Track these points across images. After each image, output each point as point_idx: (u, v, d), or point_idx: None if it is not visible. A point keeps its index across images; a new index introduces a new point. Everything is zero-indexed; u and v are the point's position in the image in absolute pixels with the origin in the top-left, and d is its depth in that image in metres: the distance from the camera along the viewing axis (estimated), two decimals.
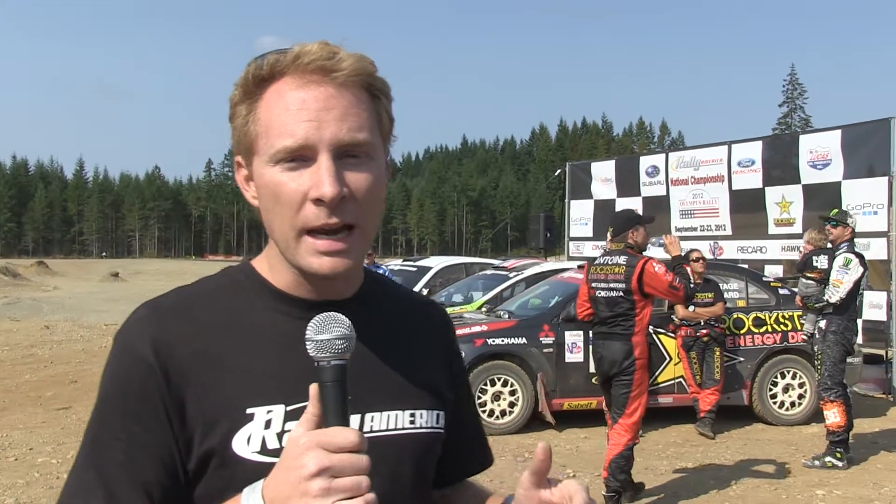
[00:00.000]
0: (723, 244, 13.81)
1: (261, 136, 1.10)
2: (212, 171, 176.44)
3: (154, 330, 1.12)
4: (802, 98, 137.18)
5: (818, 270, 7.80)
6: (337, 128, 1.07)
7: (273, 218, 1.11)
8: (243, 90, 1.12)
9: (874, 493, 6.76)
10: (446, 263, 15.77)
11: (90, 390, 10.60)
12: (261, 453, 1.08)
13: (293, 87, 1.08)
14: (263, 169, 1.10)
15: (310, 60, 1.08)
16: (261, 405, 1.10)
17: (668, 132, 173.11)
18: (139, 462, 1.07)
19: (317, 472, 0.92)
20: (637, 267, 6.12)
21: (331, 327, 1.00)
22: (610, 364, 6.20)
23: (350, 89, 1.09)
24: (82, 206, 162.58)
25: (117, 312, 22.89)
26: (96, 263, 74.22)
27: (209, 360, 1.11)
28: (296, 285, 1.17)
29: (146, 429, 1.08)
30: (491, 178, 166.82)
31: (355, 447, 0.94)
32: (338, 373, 0.99)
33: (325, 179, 1.05)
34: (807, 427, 9.17)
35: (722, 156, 13.84)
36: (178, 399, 1.08)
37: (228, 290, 1.20)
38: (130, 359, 1.11)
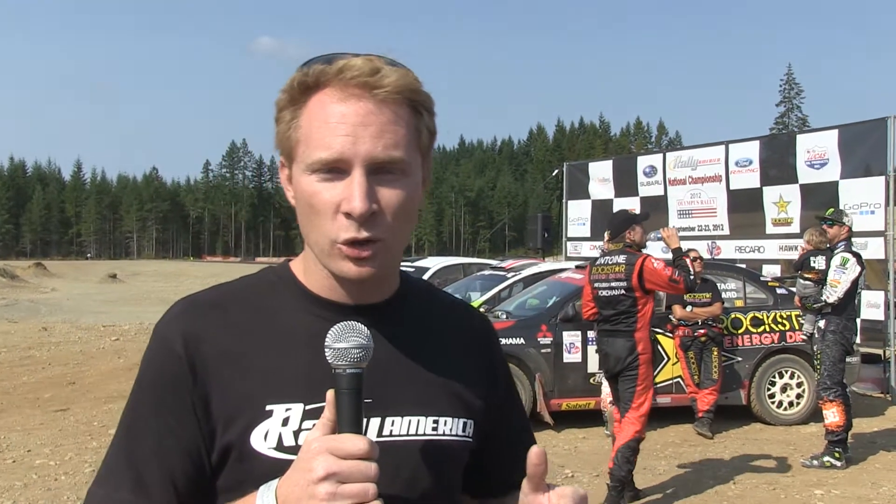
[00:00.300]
0: (721, 244, 13.82)
1: (301, 143, 1.13)
2: (209, 172, 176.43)
3: (186, 325, 1.17)
4: (799, 98, 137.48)
5: (815, 271, 7.81)
6: (372, 145, 1.09)
7: (308, 224, 1.14)
8: (289, 96, 1.14)
9: (872, 493, 6.76)
10: (444, 264, 15.78)
11: (88, 392, 10.60)
12: (277, 449, 1.10)
13: (335, 100, 1.11)
14: (301, 176, 1.13)
15: (352, 76, 1.10)
16: (280, 402, 1.13)
17: (666, 132, 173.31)
18: (169, 451, 1.12)
19: (324, 477, 0.95)
20: (637, 264, 6.27)
21: (348, 336, 1.04)
22: (615, 361, 6.34)
23: (390, 105, 1.11)
24: (80, 208, 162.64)
25: (115, 314, 22.89)
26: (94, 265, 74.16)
27: (235, 357, 1.15)
28: (328, 288, 1.20)
29: (177, 419, 1.13)
30: (488, 179, 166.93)
31: (364, 454, 0.97)
32: (353, 381, 1.02)
33: (355, 194, 1.08)
34: (805, 427, 9.18)
35: (719, 155, 13.85)
36: (204, 393, 1.13)
37: (264, 290, 1.23)
38: (163, 351, 1.16)
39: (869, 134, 11.54)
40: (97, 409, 9.44)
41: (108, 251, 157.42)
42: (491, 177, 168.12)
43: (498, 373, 1.36)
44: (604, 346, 6.50)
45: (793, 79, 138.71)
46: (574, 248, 17.14)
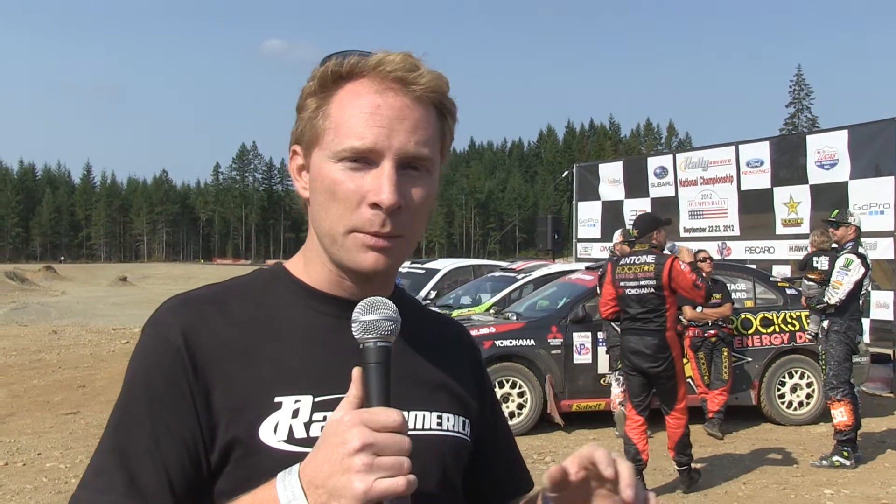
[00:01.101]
0: (731, 244, 13.80)
1: (329, 131, 1.12)
2: (219, 174, 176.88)
3: (184, 318, 1.13)
4: (809, 99, 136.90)
5: (818, 272, 7.80)
6: (406, 138, 1.09)
7: (324, 212, 1.13)
8: (319, 83, 1.14)
9: (882, 492, 6.75)
10: (454, 265, 15.78)
11: (98, 395, 10.66)
12: (287, 442, 1.07)
13: (370, 92, 1.11)
14: (324, 163, 1.12)
15: (392, 69, 1.10)
16: (289, 394, 1.10)
17: (676, 133, 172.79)
18: (163, 446, 1.07)
19: (360, 448, 0.92)
20: (666, 264, 6.53)
21: (378, 309, 1.03)
22: (643, 358, 6.57)
23: (424, 104, 1.12)
24: (90, 211, 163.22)
25: (125, 317, 22.99)
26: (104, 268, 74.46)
27: (238, 351, 1.12)
28: (330, 284, 1.19)
29: (172, 413, 1.08)
30: (499, 180, 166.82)
31: (399, 427, 0.95)
32: (383, 354, 1.01)
33: (385, 186, 1.08)
34: (815, 427, 9.16)
35: (730, 156, 13.84)
36: (205, 387, 1.09)
37: (260, 287, 1.22)
38: (159, 345, 1.11)
39: (878, 134, 11.52)
40: (107, 413, 9.13)
41: (118, 254, 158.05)
42: (501, 178, 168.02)
43: (483, 383, 1.36)
44: (631, 343, 6.66)
45: (802, 79, 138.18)
46: (584, 250, 17.14)
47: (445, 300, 13.15)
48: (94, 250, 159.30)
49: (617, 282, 6.80)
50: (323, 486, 0.94)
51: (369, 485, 0.91)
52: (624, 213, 15.92)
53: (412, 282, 14.43)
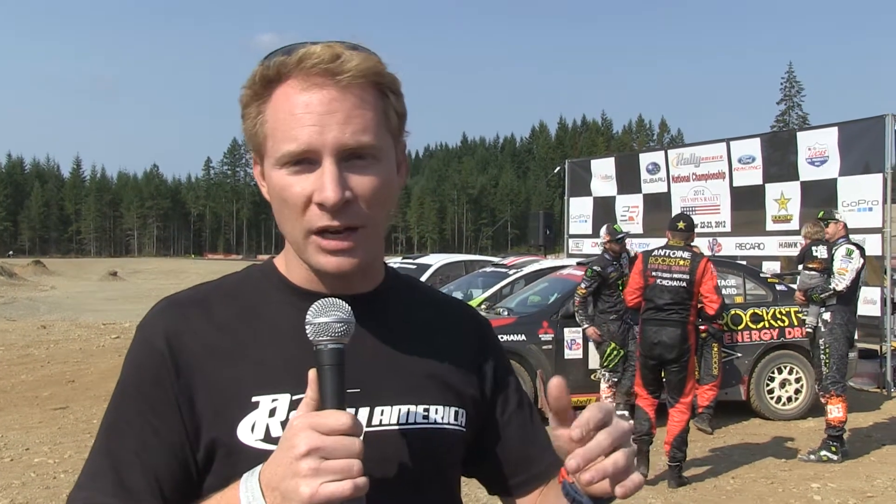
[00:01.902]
0: (722, 241, 13.84)
1: (268, 138, 1.11)
2: (211, 169, 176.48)
3: (168, 322, 1.16)
4: (800, 96, 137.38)
5: (818, 260, 7.82)
6: (340, 132, 1.07)
7: (282, 218, 1.13)
8: (252, 92, 1.13)
9: (867, 486, 6.81)
10: (446, 261, 15.78)
11: (87, 390, 10.62)
12: (264, 441, 1.09)
13: (298, 91, 1.09)
14: (272, 171, 1.12)
15: (313, 64, 1.08)
16: (266, 394, 1.12)
17: (668, 129, 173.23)
18: (151, 449, 1.10)
19: (306, 453, 0.93)
20: (701, 263, 6.92)
21: (329, 311, 1.03)
22: (665, 348, 6.80)
23: (354, 91, 1.09)
24: (79, 205, 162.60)
25: (115, 312, 22.93)
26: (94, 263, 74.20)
27: (219, 352, 1.14)
28: (310, 280, 1.19)
29: (159, 416, 1.11)
30: (491, 176, 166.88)
31: (348, 430, 0.95)
32: (335, 356, 1.00)
33: (327, 185, 1.07)
34: (803, 421, 9.21)
35: (721, 153, 13.87)
36: (188, 389, 1.11)
37: (246, 286, 1.23)
38: (145, 349, 1.15)
39: (867, 131, 11.56)
40: (97, 408, 9.45)
41: (108, 249, 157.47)
42: (493, 174, 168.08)
43: (490, 366, 1.32)
44: (653, 334, 6.86)
45: (794, 77, 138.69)
46: (576, 245, 17.16)
47: None
48: (84, 245, 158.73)
49: (649, 272, 6.99)
50: (277, 488, 0.96)
51: (315, 489, 0.92)
52: (616, 209, 15.94)
53: None
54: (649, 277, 6.97)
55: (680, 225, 7.26)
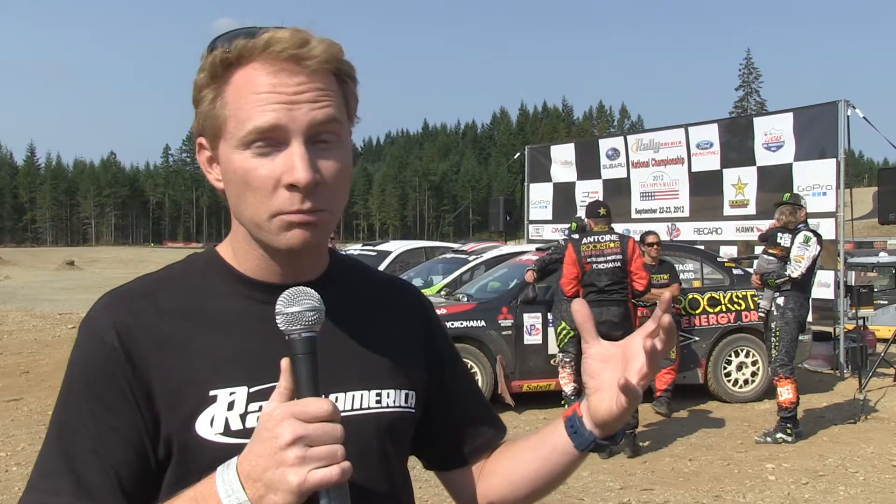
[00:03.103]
0: (680, 226, 13.98)
1: (229, 119, 1.09)
2: (169, 156, 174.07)
3: (117, 316, 1.12)
4: (758, 82, 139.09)
5: (780, 247, 7.95)
6: (308, 109, 1.07)
7: (243, 203, 1.10)
8: (210, 74, 1.10)
9: (819, 465, 6.96)
10: (406, 248, 15.75)
11: (42, 381, 10.43)
12: (224, 434, 1.08)
13: (264, 73, 1.07)
14: (232, 154, 1.09)
15: (282, 48, 1.07)
16: (223, 387, 1.10)
17: (628, 116, 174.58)
18: (108, 445, 1.07)
19: (292, 441, 0.93)
20: (630, 243, 7.48)
21: (301, 300, 1.02)
22: (612, 326, 7.15)
23: (320, 75, 1.09)
24: (34, 193, 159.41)
25: (73, 301, 22.53)
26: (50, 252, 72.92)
27: (172, 345, 1.12)
28: (260, 269, 1.17)
29: (113, 412, 1.08)
30: (452, 163, 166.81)
31: (329, 416, 0.95)
32: (309, 345, 1.01)
33: (298, 165, 1.05)
34: (759, 403, 9.37)
35: (680, 138, 13.99)
36: (144, 383, 1.09)
37: (192, 276, 1.20)
38: (95, 345, 1.11)
39: (821, 117, 11.74)
40: (51, 399, 9.06)
41: (64, 238, 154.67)
42: (455, 160, 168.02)
43: (436, 344, 1.34)
44: (598, 314, 7.06)
45: (752, 63, 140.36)
46: (536, 231, 17.23)
47: None
48: (40, 234, 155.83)
49: (584, 259, 7.35)
50: (260, 479, 0.95)
51: (303, 477, 0.93)
52: (575, 195, 16.02)
53: None
54: (585, 264, 7.37)
55: (601, 211, 7.71)
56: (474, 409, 1.37)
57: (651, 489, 6.35)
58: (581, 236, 7.72)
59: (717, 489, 6.34)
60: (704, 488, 6.36)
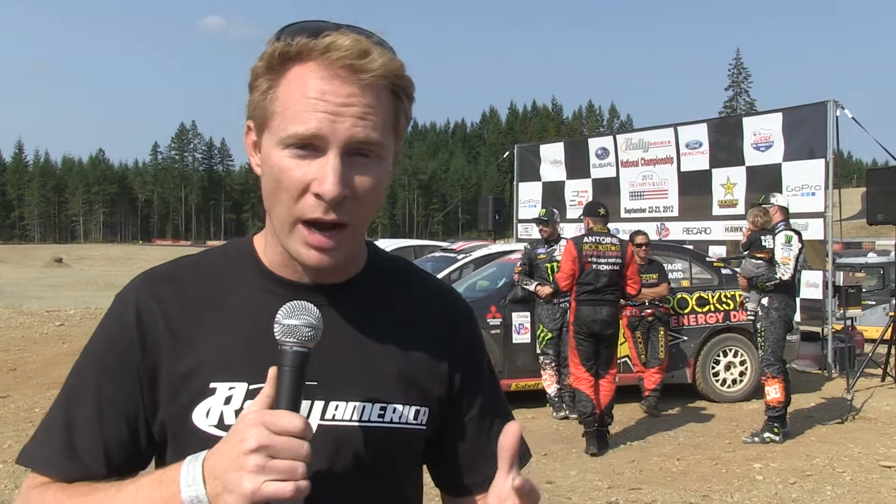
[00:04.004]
0: (670, 225, 14.00)
1: (276, 115, 1.09)
2: (158, 154, 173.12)
3: (142, 297, 1.17)
4: (747, 82, 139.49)
5: (766, 250, 7.99)
6: (352, 124, 1.06)
7: (273, 198, 1.11)
8: (267, 64, 1.10)
9: (807, 465, 6.98)
10: (395, 246, 15.77)
11: (30, 378, 10.38)
12: (217, 427, 1.11)
13: (317, 77, 1.07)
14: (272, 149, 1.10)
15: (340, 56, 1.06)
16: (224, 381, 1.13)
17: (618, 115, 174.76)
18: (105, 416, 1.13)
19: (255, 448, 0.94)
20: (628, 247, 7.71)
21: (299, 314, 1.03)
22: (604, 325, 7.40)
23: (374, 90, 1.09)
24: (22, 190, 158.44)
25: (60, 299, 22.43)
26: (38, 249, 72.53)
27: (186, 333, 1.15)
28: (284, 266, 1.18)
29: (118, 387, 1.14)
30: (441, 161, 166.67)
31: (299, 432, 0.96)
32: (296, 359, 1.01)
33: (329, 176, 1.05)
34: (747, 403, 9.39)
35: (669, 138, 14.00)
36: (153, 366, 1.14)
37: (222, 265, 1.23)
38: (115, 321, 1.17)
39: (810, 117, 11.78)
40: (39, 396, 9.24)
41: (53, 235, 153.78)
42: (444, 159, 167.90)
43: (464, 362, 1.28)
44: (592, 313, 7.41)
45: (741, 63, 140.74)
46: (525, 230, 17.22)
47: None
48: (28, 231, 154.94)
49: (585, 258, 7.44)
50: (220, 478, 0.97)
51: (257, 486, 0.94)
52: (565, 194, 16.03)
53: None
54: (585, 263, 7.45)
55: (601, 211, 7.80)
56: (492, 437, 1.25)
57: (639, 488, 6.36)
58: (581, 234, 7.75)
59: (704, 488, 6.35)
60: (692, 488, 6.37)
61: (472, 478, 1.29)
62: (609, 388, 7.52)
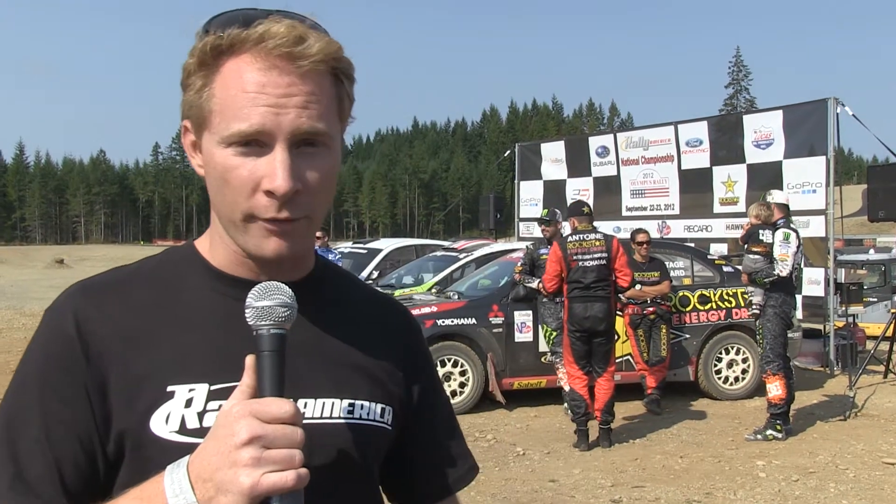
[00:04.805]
0: (671, 223, 13.99)
1: (215, 113, 1.04)
2: (159, 154, 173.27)
3: (79, 306, 1.08)
4: (747, 80, 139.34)
5: (763, 244, 7.99)
6: (296, 115, 1.02)
7: (220, 197, 1.06)
8: (199, 60, 1.05)
9: (810, 462, 6.98)
10: (396, 245, 15.71)
11: None
12: (179, 433, 1.03)
13: (254, 69, 1.02)
14: (214, 148, 1.05)
15: (275, 45, 1.02)
16: (183, 383, 1.05)
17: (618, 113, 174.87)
18: (54, 438, 1.02)
19: (248, 441, 0.89)
20: (614, 241, 7.65)
21: (272, 294, 0.98)
22: (595, 321, 7.43)
23: (314, 76, 1.04)
24: (23, 192, 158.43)
25: None
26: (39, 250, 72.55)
27: (134, 338, 1.07)
28: (235, 265, 1.13)
29: (65, 403, 1.04)
30: (442, 160, 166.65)
31: (291, 418, 0.91)
32: (277, 342, 0.97)
33: (279, 172, 1.01)
34: (750, 401, 9.39)
35: (669, 136, 13.99)
36: (100, 376, 1.04)
37: (165, 270, 1.16)
38: (53, 333, 1.07)
39: (811, 115, 11.76)
40: None
41: (54, 236, 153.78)
42: (444, 158, 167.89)
43: (418, 367, 1.27)
44: (583, 310, 7.46)
45: (741, 61, 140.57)
46: (526, 229, 17.21)
47: (388, 280, 13.13)
48: (29, 232, 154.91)
49: (570, 257, 7.52)
50: (210, 479, 0.90)
51: (256, 479, 0.89)
52: (566, 193, 16.02)
53: (354, 262, 14.35)
54: (571, 262, 7.54)
55: (584, 210, 7.93)
56: (450, 443, 1.31)
57: (642, 486, 6.36)
58: (567, 235, 7.87)
59: (707, 486, 6.35)
60: (695, 485, 6.37)
61: (440, 482, 1.27)
62: (607, 387, 7.55)
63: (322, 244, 12.37)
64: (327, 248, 12.48)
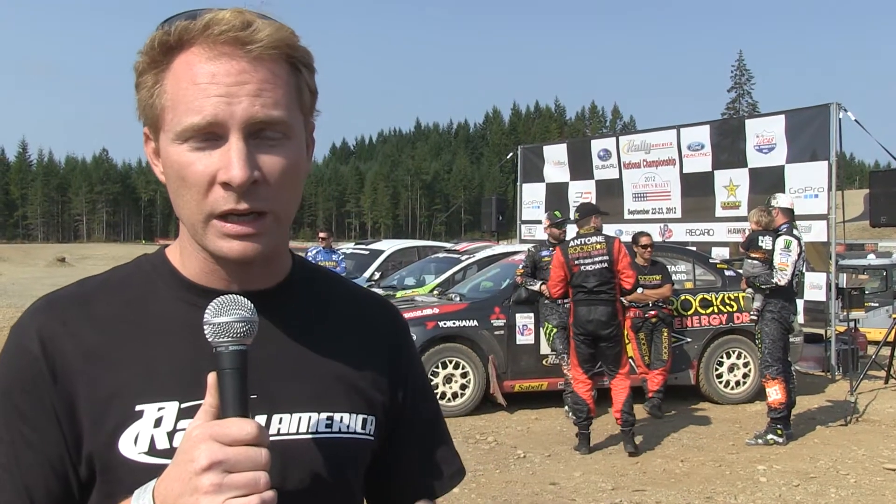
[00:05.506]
0: (673, 227, 13.99)
1: (167, 110, 1.00)
2: None
3: (43, 323, 1.04)
4: (750, 84, 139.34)
5: (763, 251, 8.00)
6: (249, 104, 0.97)
7: (180, 200, 1.01)
8: (149, 58, 1.02)
9: (811, 467, 6.98)
10: (398, 247, 15.73)
11: None
12: (149, 454, 0.99)
13: (203, 60, 0.99)
14: (170, 147, 1.00)
15: (221, 31, 0.98)
16: (152, 402, 1.01)
17: (620, 116, 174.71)
18: (23, 463, 0.99)
19: (208, 466, 0.85)
20: (615, 243, 7.58)
21: (230, 310, 0.94)
22: (599, 325, 7.40)
23: (266, 63, 1.00)
24: (26, 190, 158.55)
25: None
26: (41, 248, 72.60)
27: (101, 355, 1.03)
28: (205, 274, 1.08)
29: (32, 427, 1.00)
30: (444, 162, 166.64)
31: (253, 439, 0.88)
32: (237, 359, 0.93)
33: (234, 162, 0.96)
34: (751, 405, 9.39)
35: (671, 139, 13.99)
36: (67, 396, 1.00)
37: (134, 280, 1.11)
38: (18, 353, 1.03)
39: (813, 120, 11.78)
40: None
41: (56, 234, 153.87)
42: (447, 160, 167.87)
43: (403, 369, 1.22)
44: (587, 313, 7.46)
45: (744, 65, 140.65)
46: (528, 231, 17.22)
47: (389, 281, 13.13)
48: (31, 230, 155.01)
49: (571, 261, 7.49)
50: None
51: None
52: (568, 195, 16.03)
53: (356, 263, 14.37)
54: (573, 266, 7.52)
55: (575, 216, 7.93)
56: (436, 448, 1.26)
57: (643, 490, 6.36)
58: (568, 239, 7.88)
59: (708, 490, 6.35)
60: (696, 489, 6.37)
61: (424, 485, 1.24)
62: (622, 386, 7.51)
63: (326, 245, 12.41)
64: (331, 248, 12.52)
